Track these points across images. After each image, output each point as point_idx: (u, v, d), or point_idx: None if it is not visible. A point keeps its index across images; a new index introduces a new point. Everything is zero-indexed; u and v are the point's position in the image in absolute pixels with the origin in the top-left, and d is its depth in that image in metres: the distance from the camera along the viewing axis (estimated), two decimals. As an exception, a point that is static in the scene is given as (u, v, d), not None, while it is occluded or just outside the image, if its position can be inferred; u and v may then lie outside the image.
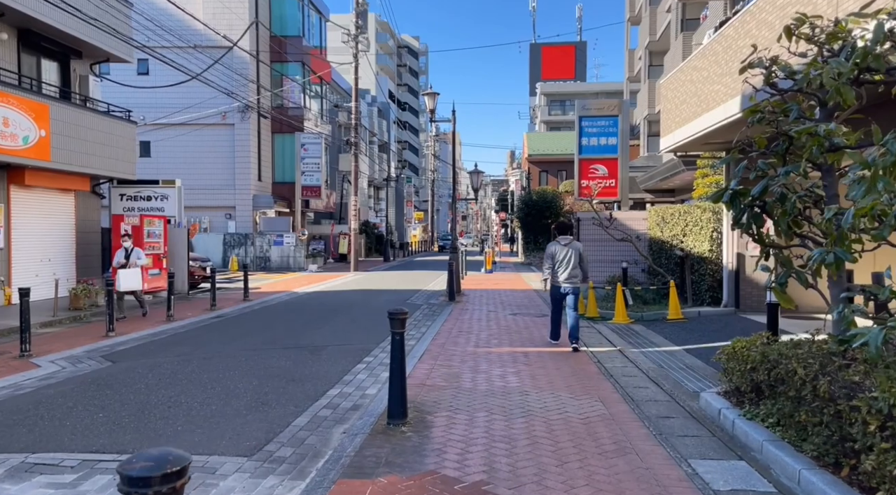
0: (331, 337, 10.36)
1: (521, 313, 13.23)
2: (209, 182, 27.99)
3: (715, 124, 9.26)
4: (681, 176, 18.25)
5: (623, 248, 14.40)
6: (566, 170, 44.22)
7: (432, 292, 18.08)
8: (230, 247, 27.22)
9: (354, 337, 10.36)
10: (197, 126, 27.82)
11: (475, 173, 16.88)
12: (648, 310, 12.38)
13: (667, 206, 13.57)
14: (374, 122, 49.25)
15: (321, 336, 10.43)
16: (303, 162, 28.12)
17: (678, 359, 8.38)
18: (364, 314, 13.29)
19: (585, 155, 15.12)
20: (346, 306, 14.74)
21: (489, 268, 26.63)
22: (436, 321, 12.10)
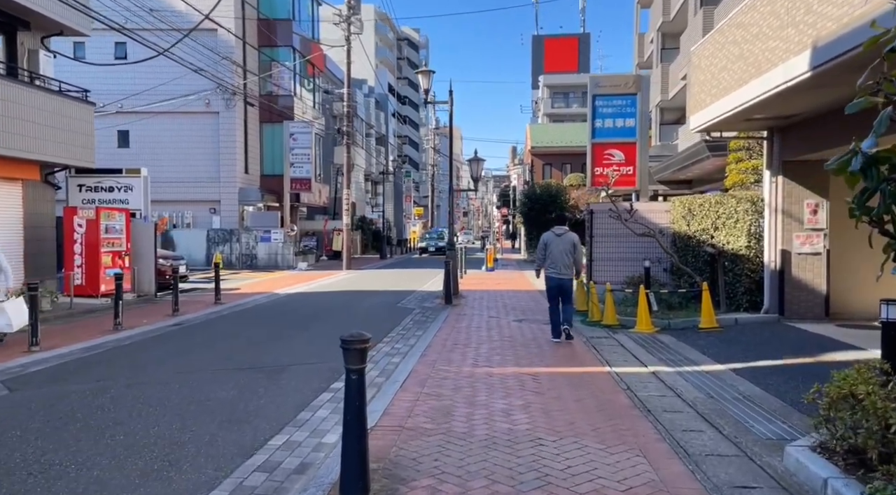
0: (300, 351, 8.63)
1: (527, 319, 11.50)
2: (193, 174, 26.28)
3: (769, 91, 7.51)
4: (701, 165, 16.50)
5: (644, 245, 12.66)
6: (571, 163, 42.46)
7: (428, 293, 16.36)
8: (214, 244, 25.51)
9: (328, 351, 8.63)
10: (179, 114, 26.06)
11: (475, 161, 15.14)
12: (675, 316, 10.65)
13: (694, 197, 11.82)
14: (372, 114, 47.50)
15: (288, 350, 8.71)
16: (292, 153, 26.38)
17: (727, 383, 6.65)
18: (346, 321, 11.56)
19: (599, 139, 13.37)
20: (327, 311, 13.01)
21: (490, 265, 24.93)
22: (428, 330, 10.38)
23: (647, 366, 7.56)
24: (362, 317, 12.17)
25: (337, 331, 10.52)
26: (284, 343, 9.26)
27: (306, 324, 11.08)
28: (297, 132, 26.36)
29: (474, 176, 15.22)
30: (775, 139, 9.93)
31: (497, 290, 16.94)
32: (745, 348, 8.44)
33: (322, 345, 9.05)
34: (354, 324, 11.01)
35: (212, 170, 26.35)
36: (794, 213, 9.89)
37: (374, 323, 11.24)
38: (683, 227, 12.12)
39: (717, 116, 9.34)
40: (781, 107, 8.22)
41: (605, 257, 13.01)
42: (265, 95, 28.30)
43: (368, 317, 12.15)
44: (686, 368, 7.40)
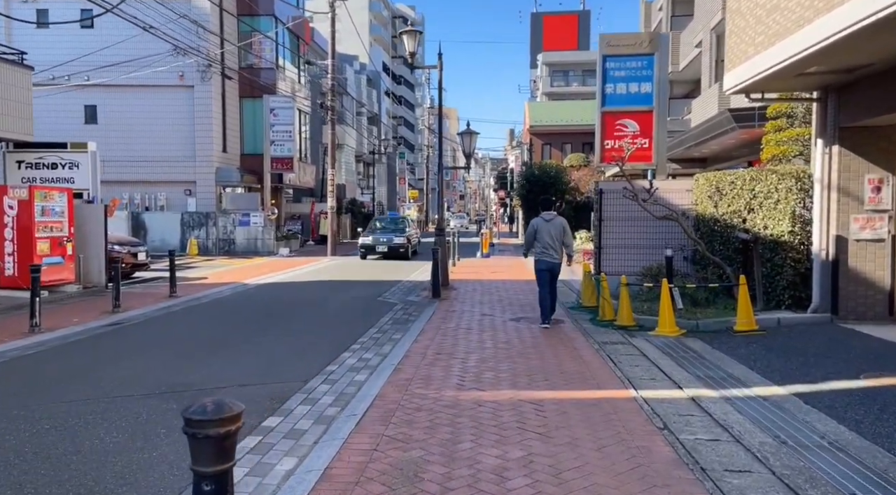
0: (242, 366, 6.90)
1: (526, 318, 9.78)
2: (166, 153, 24.39)
3: (843, 31, 5.72)
4: (721, 139, 14.70)
5: (662, 230, 10.92)
6: (571, 142, 40.59)
7: (414, 284, 14.63)
8: (189, 228, 23.72)
9: (279, 365, 6.90)
10: (151, 88, 24.13)
11: (468, 134, 13.33)
12: (703, 315, 8.93)
13: (724, 173, 10.05)
14: (363, 92, 45.45)
15: (228, 365, 6.97)
16: (272, 129, 24.47)
17: (798, 418, 4.94)
18: (311, 321, 9.83)
19: (610, 106, 11.55)
20: (295, 307, 11.27)
21: (485, 251, 23.21)
22: (408, 332, 8.65)
23: (682, 387, 5.84)
24: (333, 315, 10.44)
25: (296, 336, 8.76)
26: (228, 353, 7.51)
27: (265, 326, 9.34)
28: (278, 107, 24.43)
29: (467, 151, 13.42)
30: (830, 101, 8.15)
31: (492, 280, 15.21)
32: (802, 361, 6.72)
33: (272, 356, 7.32)
34: (320, 326, 9.28)
35: (187, 148, 24.47)
36: (852, 191, 8.15)
37: (344, 323, 9.51)
38: (709, 209, 10.37)
39: (763, 71, 7.54)
40: (853, 54, 6.44)
41: (617, 244, 11.28)
42: (245, 68, 26.33)
43: (340, 314, 10.43)
44: (734, 392, 5.68)
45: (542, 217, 8.96)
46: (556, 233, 8.77)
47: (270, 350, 7.61)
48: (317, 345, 7.85)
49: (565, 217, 11.18)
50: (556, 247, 8.81)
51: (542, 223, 8.88)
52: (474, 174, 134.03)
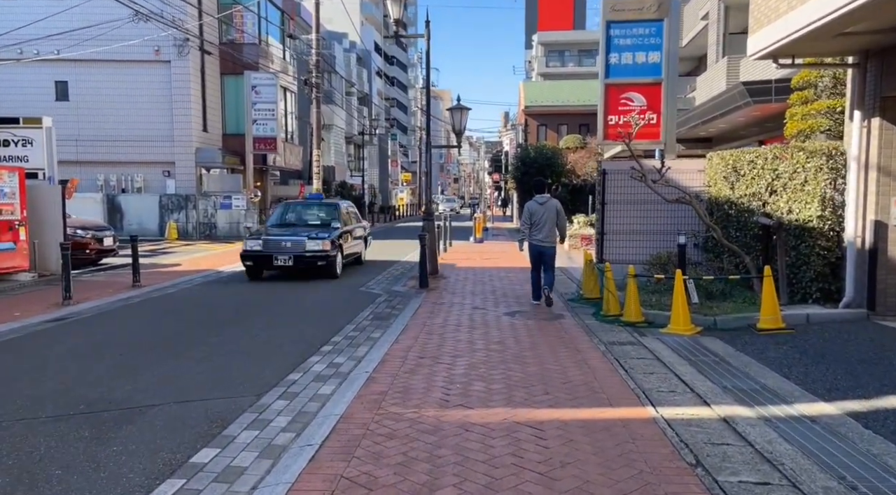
0: (189, 373, 5.89)
1: (522, 312, 8.80)
2: (143, 132, 23.17)
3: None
4: (730, 117, 13.67)
5: (671, 215, 9.96)
6: (567, 123, 39.46)
7: (402, 271, 13.62)
8: (168, 211, 22.60)
9: (233, 373, 5.89)
10: (126, 63, 22.84)
11: (458, 110, 12.25)
12: (719, 309, 7.97)
13: (742, 151, 9.03)
14: (353, 71, 44.09)
15: (171, 372, 5.96)
16: (254, 108, 23.24)
17: (862, 450, 3.98)
18: (284, 315, 8.82)
19: (615, 78, 10.47)
20: (268, 299, 10.25)
21: (479, 236, 22.19)
22: (389, 330, 7.65)
23: (709, 403, 4.87)
24: (309, 307, 9.42)
25: (263, 333, 7.70)
26: (178, 357, 6.49)
27: (229, 322, 8.33)
28: (260, 84, 23.19)
29: (457, 129, 12.34)
30: (871, 66, 7.13)
31: (485, 268, 14.21)
32: (846, 369, 5.76)
33: (228, 361, 6.31)
34: (291, 321, 8.26)
35: (165, 127, 23.24)
36: (895, 170, 7.15)
37: (320, 317, 8.51)
38: (724, 192, 9.37)
39: (798, 30, 6.50)
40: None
41: (622, 230, 10.28)
42: (227, 44, 25.03)
43: (317, 307, 9.41)
44: (774, 410, 4.71)
45: (536, 200, 8.95)
46: (550, 217, 8.81)
47: (228, 352, 6.60)
48: (283, 346, 6.84)
49: (561, 200, 10.60)
50: (551, 231, 8.86)
51: (535, 206, 8.91)
52: (469, 157, 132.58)
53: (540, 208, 8.86)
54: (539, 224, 8.83)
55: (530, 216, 8.91)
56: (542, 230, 8.83)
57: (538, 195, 9.05)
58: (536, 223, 8.84)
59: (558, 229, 8.93)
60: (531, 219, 8.89)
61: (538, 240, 8.89)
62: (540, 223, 8.82)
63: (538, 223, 8.83)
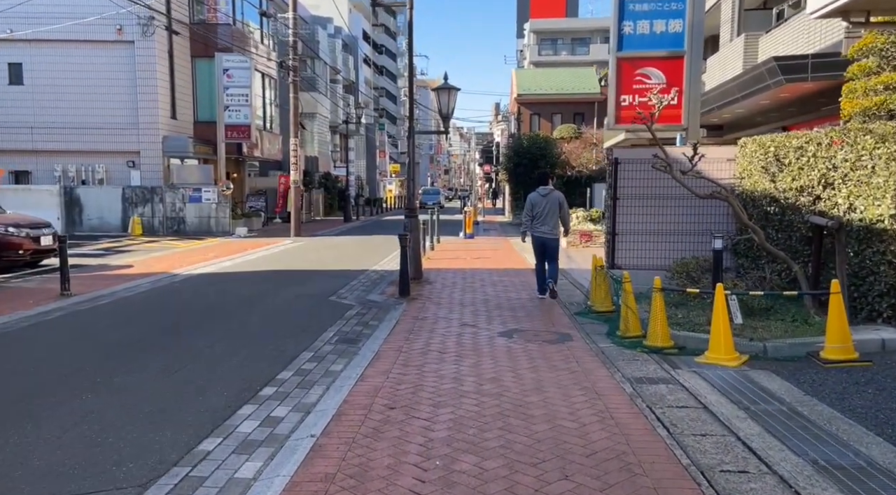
0: (60, 439, 4.27)
1: (522, 330, 7.23)
2: (105, 119, 21.35)
3: None
4: (753, 99, 12.11)
5: (697, 212, 8.43)
6: (562, 112, 37.88)
7: (381, 275, 12.03)
8: (132, 205, 20.83)
9: (121, 443, 4.28)
10: (85, 43, 21.00)
11: (445, 91, 10.62)
12: (766, 330, 6.44)
13: (786, 136, 7.47)
14: (338, 58, 42.25)
15: (36, 438, 4.33)
16: (226, 93, 21.46)
17: None
18: (228, 337, 7.19)
19: (629, 51, 8.89)
20: (216, 312, 8.61)
21: (469, 231, 20.60)
22: (354, 361, 6.06)
23: (790, 487, 3.32)
24: (261, 326, 7.80)
25: (190, 367, 5.26)
26: (60, 407, 4.86)
27: (153, 349, 6.70)
28: (233, 67, 21.40)
29: (444, 112, 10.72)
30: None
31: (475, 269, 12.63)
32: (967, 427, 4.23)
33: (124, 418, 4.67)
34: (233, 347, 6.64)
35: (129, 114, 21.44)
36: None
37: (272, 339, 6.90)
38: (762, 184, 7.82)
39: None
40: None
41: (637, 229, 8.73)
42: (198, 23, 23.20)
43: (271, 325, 7.79)
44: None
45: (539, 192, 8.84)
46: (552, 209, 8.71)
47: (123, 405, 4.96)
48: (206, 389, 5.22)
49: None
50: (554, 223, 8.76)
51: (538, 198, 8.82)
52: (459, 148, 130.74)
53: (542, 200, 8.76)
54: (541, 216, 8.73)
55: (532, 208, 8.80)
56: (545, 222, 8.72)
57: (541, 186, 8.90)
58: (539, 215, 8.74)
59: (561, 221, 8.86)
60: (533, 211, 8.79)
61: (541, 233, 8.78)
62: (542, 215, 8.72)
63: (540, 215, 8.73)
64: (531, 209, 8.87)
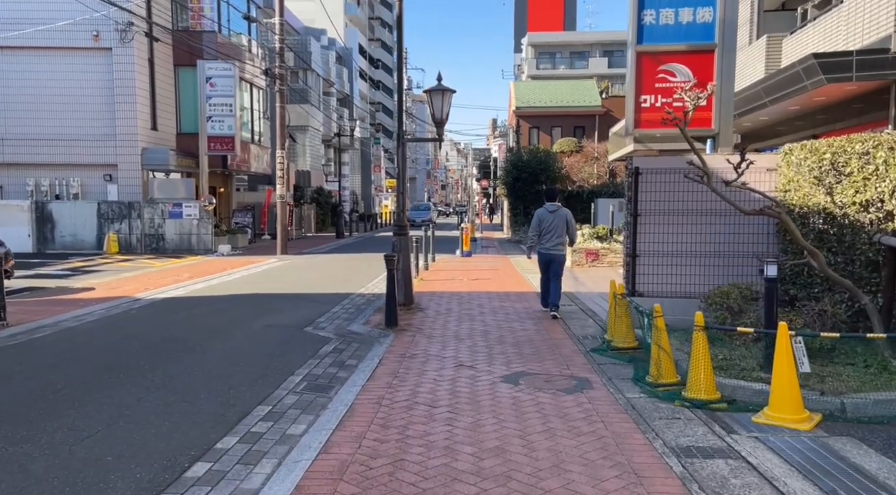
0: None
1: (531, 373, 5.97)
2: (80, 130, 20.15)
3: None
4: (781, 106, 10.94)
5: (732, 230, 7.23)
6: (561, 126, 36.80)
7: (368, 300, 10.77)
8: (108, 221, 19.55)
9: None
10: (60, 50, 19.85)
11: (438, 93, 9.42)
12: (838, 380, 5.18)
13: (844, 140, 6.27)
14: (332, 70, 41.23)
15: None
16: (209, 102, 20.28)
17: None
18: (175, 384, 5.89)
19: (650, 43, 7.71)
20: (171, 347, 7.31)
21: (466, 249, 19.35)
22: (320, 420, 4.79)
23: None
24: (218, 367, 6.50)
25: (114, 429, 4.11)
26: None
27: (64, 402, 5.41)
28: (216, 75, 20.24)
29: (438, 117, 9.52)
30: None
31: (473, 293, 11.36)
32: None
33: None
34: (178, 395, 5.34)
35: (106, 124, 20.23)
36: None
37: (226, 385, 5.61)
38: (816, 198, 6.59)
39: None
40: None
41: (662, 251, 7.48)
42: (182, 31, 22.09)
43: (228, 366, 6.49)
44: None
45: (546, 208, 8.84)
46: (560, 226, 8.71)
47: (19, 488, 3.68)
48: (113, 471, 3.91)
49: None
50: (560, 240, 8.77)
51: (546, 214, 8.78)
52: (456, 163, 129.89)
53: (550, 216, 8.73)
54: (548, 232, 8.71)
55: (539, 223, 8.77)
56: (552, 238, 8.71)
57: (549, 202, 8.87)
58: (546, 231, 8.71)
59: (568, 237, 8.84)
60: (540, 227, 8.75)
61: (547, 249, 8.75)
62: (549, 231, 8.70)
63: (547, 231, 8.70)
64: (538, 225, 8.79)
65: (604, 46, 60.28)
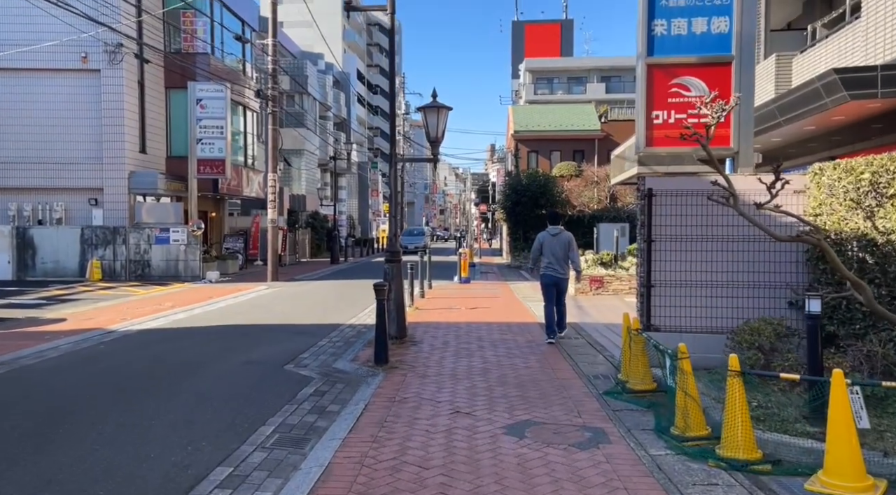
0: None
1: (538, 422, 5.20)
2: (66, 153, 19.52)
3: None
4: (795, 126, 10.35)
5: (757, 258, 6.54)
6: (561, 150, 36.32)
7: (360, 331, 10.02)
8: (92, 247, 18.82)
9: None
10: (46, 71, 19.33)
11: (433, 110, 8.79)
12: (895, 433, 4.41)
13: (888, 157, 5.61)
14: (329, 94, 40.93)
15: None
16: (199, 124, 19.68)
17: None
18: (125, 439, 5.11)
19: (663, 55, 7.10)
20: (132, 388, 6.54)
21: (465, 275, 18.62)
22: (287, 487, 3.99)
23: None
24: (175, 416, 5.73)
25: None
26: None
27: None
28: (207, 97, 19.68)
29: (433, 136, 8.87)
30: None
31: (472, 324, 10.60)
32: None
33: None
34: (127, 455, 4.55)
35: (93, 148, 19.62)
36: None
37: (180, 445, 4.84)
38: (854, 223, 5.91)
39: None
40: None
41: (680, 281, 6.76)
42: (174, 53, 21.61)
43: (191, 414, 5.71)
44: None
45: (549, 231, 8.82)
46: (562, 249, 8.69)
47: None
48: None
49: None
50: (562, 264, 8.74)
51: (547, 237, 8.77)
52: (455, 188, 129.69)
53: (552, 240, 8.71)
54: (550, 255, 8.67)
55: (541, 246, 8.75)
56: (555, 262, 8.67)
57: (551, 226, 8.84)
58: (547, 254, 8.69)
59: (571, 262, 8.81)
60: (542, 250, 8.74)
61: (552, 272, 8.69)
62: (551, 254, 8.66)
63: (549, 254, 8.68)
64: (539, 248, 8.76)
65: (602, 72, 60.29)
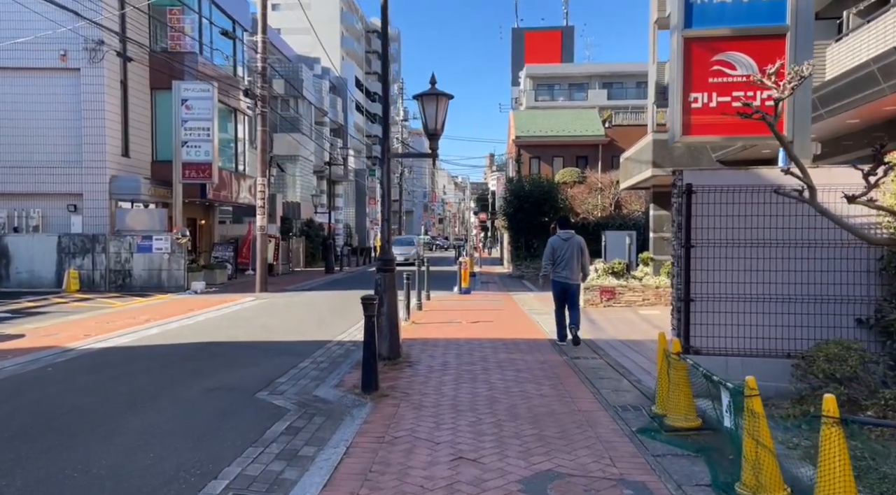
0: None
1: (562, 473, 4.06)
2: (42, 156, 18.44)
3: None
4: (842, 116, 9.28)
5: (814, 267, 5.45)
6: (563, 156, 35.30)
7: (349, 349, 8.90)
8: (69, 256, 17.71)
9: None
10: (21, 70, 18.29)
11: (431, 98, 7.72)
12: None
13: None
14: (325, 99, 39.95)
15: None
16: (184, 126, 18.60)
17: None
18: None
19: (701, 27, 6.00)
20: (56, 433, 5.41)
21: (465, 285, 17.52)
22: None
23: None
24: (112, 463, 4.61)
25: None
26: None
27: None
28: (193, 97, 18.61)
29: (431, 128, 7.80)
30: None
31: (473, 340, 9.47)
32: None
33: None
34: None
35: (71, 151, 18.54)
36: None
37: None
38: (946, 223, 4.79)
39: None
40: None
41: (724, 294, 5.66)
42: (160, 52, 20.58)
43: (128, 463, 4.59)
44: None
45: (560, 236, 8.79)
46: (573, 254, 8.62)
47: None
48: None
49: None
50: (574, 269, 8.65)
51: (559, 242, 8.73)
52: (454, 196, 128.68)
53: (564, 244, 8.68)
54: (562, 260, 8.63)
55: (553, 252, 8.72)
56: (567, 267, 8.62)
57: (562, 231, 8.84)
58: (560, 259, 8.64)
59: (581, 267, 8.72)
60: (554, 255, 8.69)
61: (563, 277, 8.66)
62: (563, 259, 8.63)
63: (561, 259, 8.63)
64: (552, 254, 8.70)
65: (603, 78, 59.52)
